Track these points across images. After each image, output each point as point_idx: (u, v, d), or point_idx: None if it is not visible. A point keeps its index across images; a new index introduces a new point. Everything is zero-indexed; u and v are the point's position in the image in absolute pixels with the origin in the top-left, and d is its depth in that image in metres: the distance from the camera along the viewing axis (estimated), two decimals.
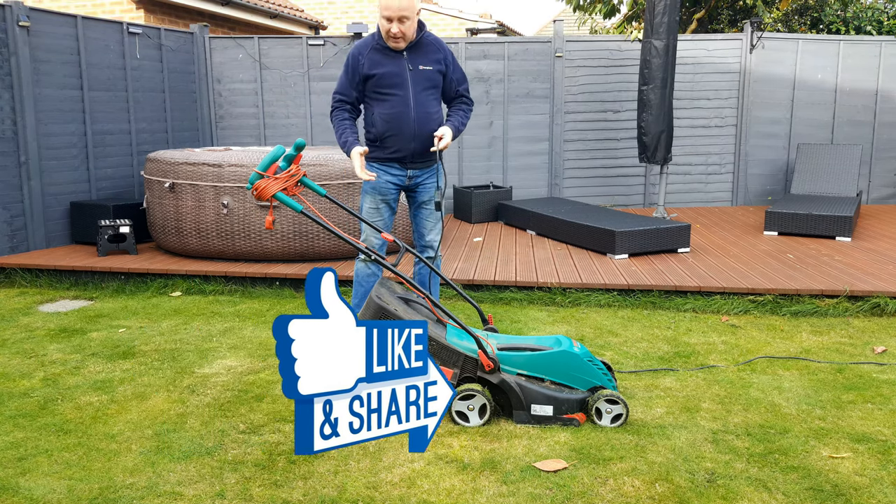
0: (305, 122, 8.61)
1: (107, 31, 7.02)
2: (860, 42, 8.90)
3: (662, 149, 7.42)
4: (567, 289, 5.17)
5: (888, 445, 2.93)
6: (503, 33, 15.94)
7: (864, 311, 4.82)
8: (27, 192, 6.27)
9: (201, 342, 4.35)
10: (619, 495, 2.56)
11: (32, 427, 3.18)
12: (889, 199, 9.15)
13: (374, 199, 3.93)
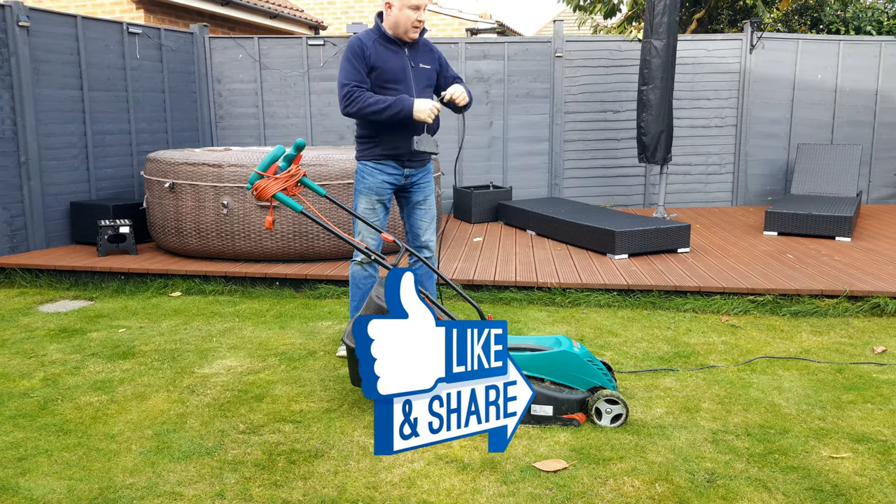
0: (305, 122, 8.61)
1: (107, 31, 7.02)
2: (860, 42, 8.90)
3: (662, 149, 7.42)
4: (567, 289, 5.17)
5: (888, 445, 2.93)
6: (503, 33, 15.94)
7: (864, 311, 4.82)
8: (27, 192, 6.27)
9: (201, 342, 4.35)
10: (619, 495, 2.57)
11: (32, 427, 3.18)
12: (889, 199, 9.15)
13: (369, 199, 3.90)
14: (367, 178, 3.88)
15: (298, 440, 3.02)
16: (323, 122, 8.63)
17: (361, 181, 3.90)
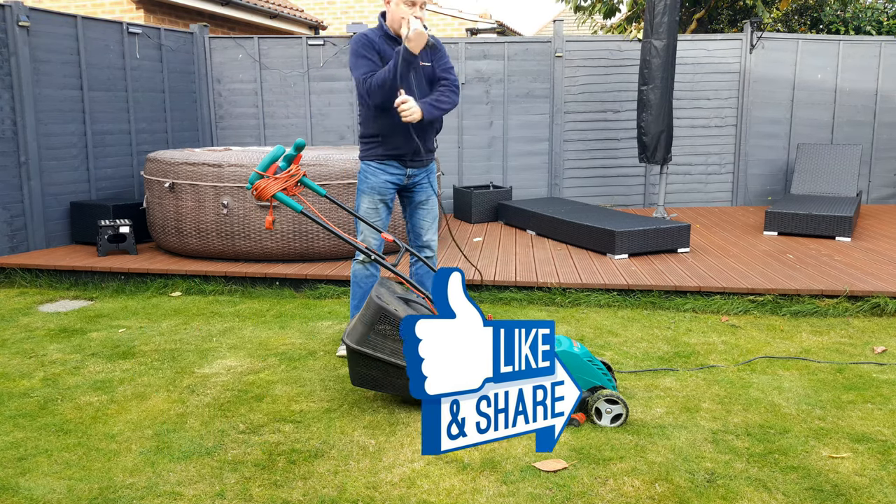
0: (305, 122, 8.61)
1: (107, 31, 7.02)
2: (860, 42, 8.90)
3: (662, 149, 7.42)
4: (567, 289, 5.17)
5: (888, 445, 2.93)
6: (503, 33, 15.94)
7: (864, 311, 4.82)
8: (27, 192, 6.27)
9: (201, 342, 4.35)
10: (619, 495, 2.56)
11: (32, 427, 3.18)
12: (889, 199, 9.15)
13: (372, 198, 3.91)
14: (371, 177, 3.88)
15: (298, 440, 3.02)
16: (323, 122, 8.62)
17: (364, 181, 3.90)
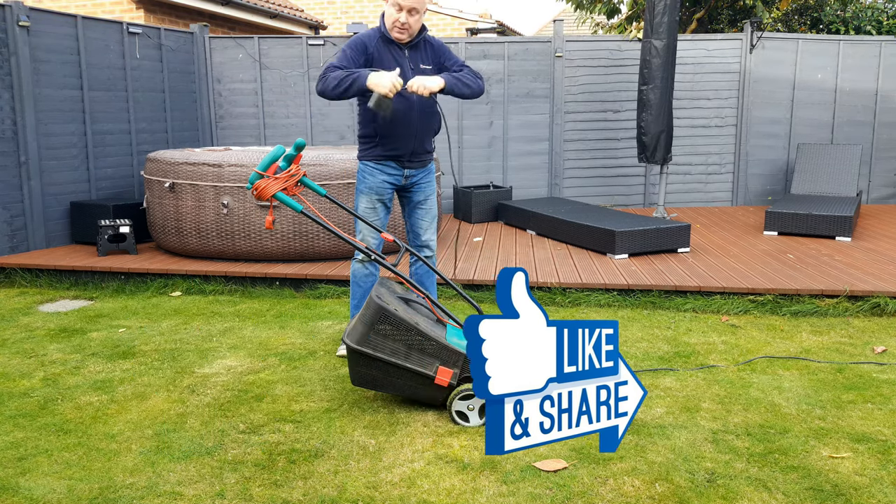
0: (305, 122, 8.61)
1: (107, 31, 7.02)
2: (860, 42, 8.90)
3: (662, 149, 7.42)
4: (567, 289, 5.17)
5: (888, 445, 2.93)
6: (503, 33, 15.94)
7: (864, 311, 4.82)
8: (27, 192, 6.27)
9: (201, 342, 4.35)
10: (619, 495, 2.56)
11: (32, 427, 3.18)
12: (889, 199, 9.15)
13: (370, 198, 3.91)
14: (368, 177, 3.88)
15: (298, 440, 3.02)
16: (323, 122, 8.63)
17: (363, 181, 3.91)
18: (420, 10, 3.67)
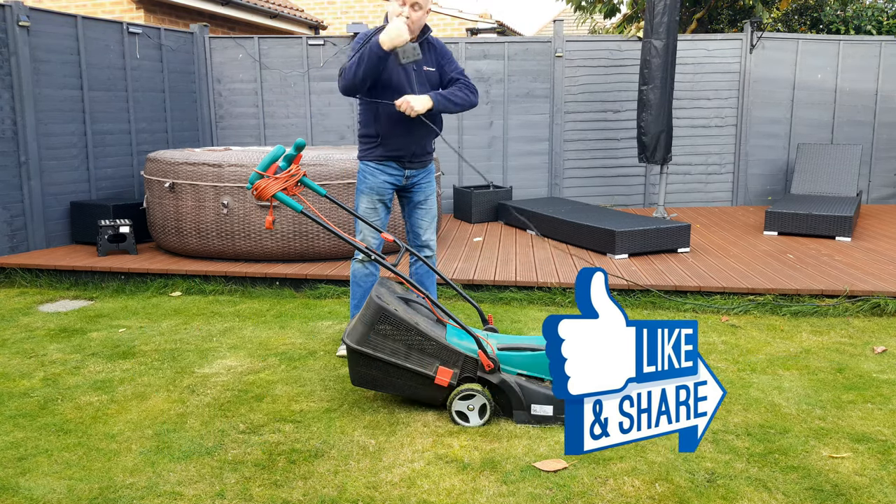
0: (305, 122, 8.61)
1: (107, 31, 7.02)
2: (860, 42, 8.90)
3: (662, 149, 7.42)
4: (567, 289, 5.17)
5: (888, 445, 2.93)
6: (503, 33, 15.93)
7: (864, 311, 4.82)
8: (27, 192, 6.27)
9: (201, 342, 4.35)
10: (619, 495, 2.56)
11: (32, 427, 3.18)
12: (889, 199, 9.15)
13: (370, 198, 3.91)
14: (369, 178, 3.88)
15: (298, 440, 3.02)
16: (323, 122, 8.62)
17: (363, 181, 3.90)
18: (423, 6, 3.67)
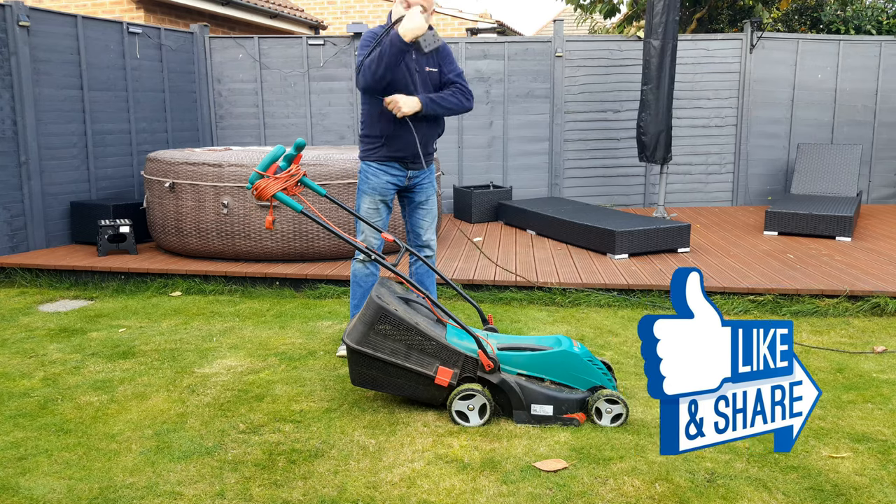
0: (305, 122, 8.61)
1: (107, 31, 7.02)
2: (860, 42, 8.90)
3: (661, 148, 7.42)
4: (567, 289, 5.17)
5: (888, 445, 2.93)
6: (503, 33, 15.93)
7: (864, 311, 4.82)
8: (27, 192, 6.27)
9: (201, 342, 4.35)
10: (620, 495, 2.56)
11: (32, 427, 3.18)
12: (889, 199, 9.15)
13: (373, 199, 3.90)
14: (372, 178, 3.88)
15: (298, 440, 3.02)
16: (323, 122, 8.62)
17: (365, 181, 3.90)
18: (427, 9, 3.67)
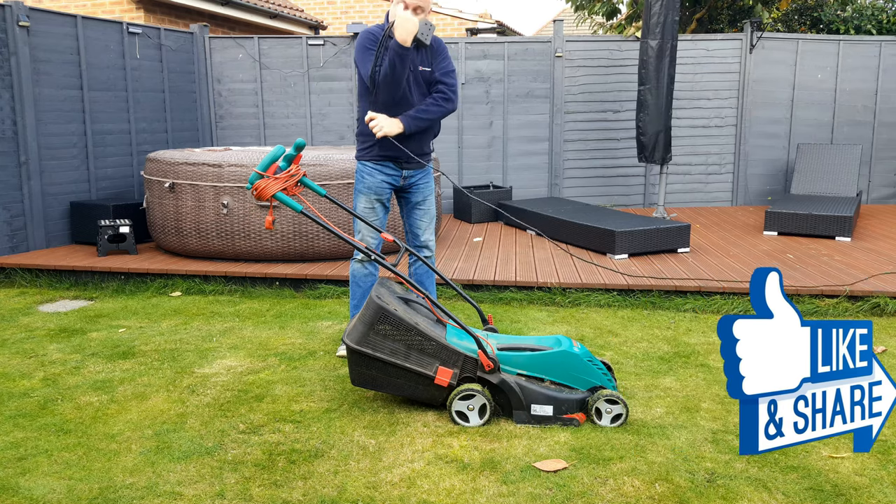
0: (305, 122, 8.61)
1: (107, 31, 7.02)
2: (860, 42, 8.90)
3: (661, 149, 7.42)
4: (567, 289, 5.17)
5: (888, 445, 2.93)
6: (503, 33, 15.93)
7: (864, 311, 4.82)
8: (27, 192, 6.27)
9: (201, 342, 4.35)
10: (619, 495, 2.56)
11: (32, 427, 3.18)
12: (889, 199, 9.15)
13: (369, 198, 3.90)
14: (367, 177, 3.88)
15: (298, 440, 3.02)
16: (323, 122, 8.62)
17: (361, 181, 3.90)
18: (425, 9, 3.67)
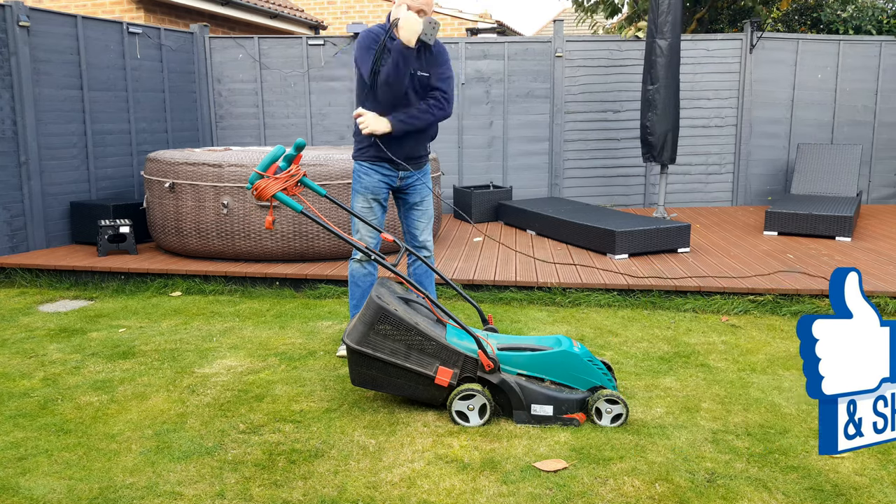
0: (305, 122, 8.61)
1: (107, 31, 7.02)
2: (860, 42, 8.90)
3: (669, 148, 7.39)
4: (567, 289, 5.17)
5: (888, 445, 2.93)
6: (503, 33, 15.93)
7: None
8: (27, 192, 6.27)
9: (201, 342, 4.35)
10: (619, 495, 2.56)
11: (32, 427, 3.18)
12: (889, 199, 9.15)
13: (366, 198, 3.90)
14: (364, 177, 3.88)
15: (298, 440, 3.02)
16: (323, 122, 8.62)
17: (358, 181, 3.90)
18: (427, 12, 3.66)
